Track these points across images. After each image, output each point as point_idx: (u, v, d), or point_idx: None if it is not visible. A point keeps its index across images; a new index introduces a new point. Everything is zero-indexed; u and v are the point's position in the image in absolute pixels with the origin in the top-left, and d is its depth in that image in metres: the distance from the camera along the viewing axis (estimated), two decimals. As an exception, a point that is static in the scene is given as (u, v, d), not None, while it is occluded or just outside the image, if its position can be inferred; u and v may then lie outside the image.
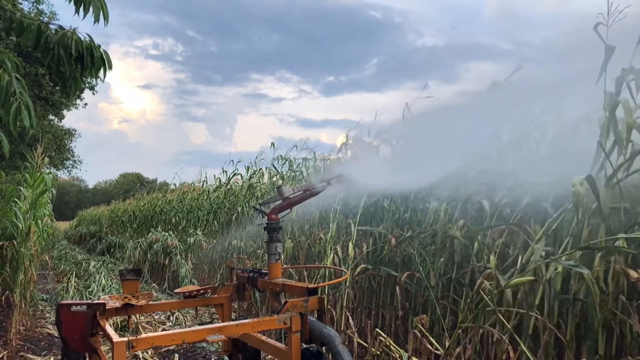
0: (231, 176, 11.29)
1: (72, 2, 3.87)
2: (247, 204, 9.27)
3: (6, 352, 5.37)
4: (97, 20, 3.98)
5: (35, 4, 17.75)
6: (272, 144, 9.57)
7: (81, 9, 3.90)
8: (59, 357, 3.39)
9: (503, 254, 4.07)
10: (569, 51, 3.71)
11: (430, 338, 4.09)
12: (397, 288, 4.89)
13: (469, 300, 3.91)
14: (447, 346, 3.84)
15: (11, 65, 3.75)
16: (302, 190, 3.22)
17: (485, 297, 3.59)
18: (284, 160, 9.13)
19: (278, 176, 9.14)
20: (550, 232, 3.71)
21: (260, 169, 10.12)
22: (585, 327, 3.31)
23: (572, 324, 3.35)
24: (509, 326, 3.55)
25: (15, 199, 6.94)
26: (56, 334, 5.90)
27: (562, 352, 3.44)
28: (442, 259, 4.52)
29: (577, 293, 3.35)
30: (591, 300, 3.11)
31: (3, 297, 6.76)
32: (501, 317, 3.58)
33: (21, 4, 16.19)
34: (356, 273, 5.20)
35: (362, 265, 5.21)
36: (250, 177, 10.23)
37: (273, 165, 9.36)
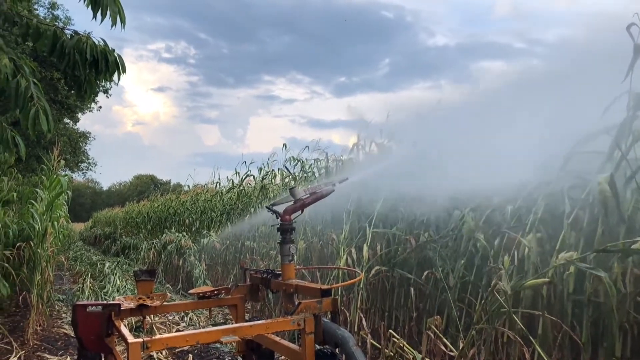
0: (244, 177, 11.35)
1: (90, 7, 3.92)
2: (259, 205, 9.30)
3: (23, 351, 5.44)
4: (114, 24, 4.03)
5: (50, 10, 17.97)
6: (284, 145, 9.59)
7: (98, 13, 3.95)
8: (75, 357, 3.44)
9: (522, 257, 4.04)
10: (588, 50, 3.67)
11: (444, 339, 4.07)
12: (412, 289, 4.88)
13: (483, 301, 3.90)
14: (461, 347, 3.82)
15: (29, 70, 3.81)
16: (312, 192, 3.23)
17: (499, 298, 3.57)
18: (296, 161, 9.15)
19: (290, 177, 9.16)
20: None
21: (273, 170, 10.15)
22: (602, 329, 3.28)
23: (587, 325, 3.32)
24: (523, 327, 3.53)
25: (32, 201, 7.04)
26: (72, 334, 5.97)
27: (577, 354, 3.41)
28: (462, 261, 4.50)
29: (592, 294, 3.32)
30: (609, 302, 3.07)
31: (20, 298, 6.85)
32: (515, 318, 3.56)
33: (37, 10, 16.40)
34: (371, 275, 5.18)
35: (377, 267, 5.19)
36: (263, 179, 10.26)
37: (285, 167, 9.39)
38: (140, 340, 2.15)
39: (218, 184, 13.28)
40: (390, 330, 4.50)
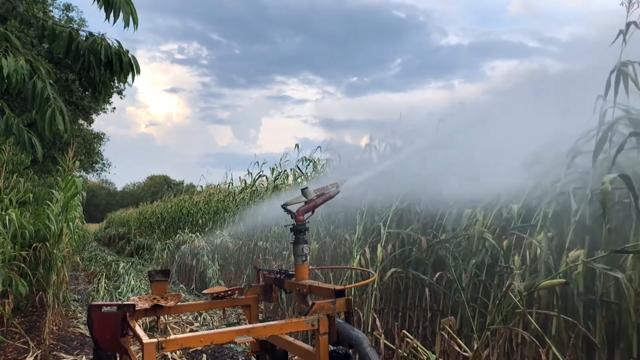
0: (256, 178, 11.38)
1: (103, 9, 3.95)
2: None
3: (40, 351, 5.50)
4: (127, 25, 4.05)
5: (65, 12, 18.15)
6: (296, 145, 9.59)
7: (111, 14, 3.98)
8: (91, 357, 3.47)
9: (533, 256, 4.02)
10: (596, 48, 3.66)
11: (458, 340, 4.04)
12: (427, 290, 4.85)
13: (497, 301, 3.86)
14: (475, 348, 3.79)
15: (45, 71, 3.85)
16: (321, 192, 3.23)
17: (514, 298, 3.54)
18: (308, 161, 9.15)
19: (302, 177, 9.16)
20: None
21: (285, 170, 10.17)
22: (617, 329, 3.23)
23: (600, 325, 3.28)
24: (539, 328, 3.49)
25: (48, 202, 7.13)
26: (88, 334, 6.02)
27: (591, 354, 3.37)
28: (473, 261, 4.47)
29: (604, 294, 3.28)
30: (625, 303, 3.03)
31: (37, 298, 6.93)
32: (531, 319, 3.53)
33: (52, 11, 16.58)
34: (386, 278, 5.14)
35: (393, 269, 5.14)
36: (275, 179, 10.28)
37: (297, 167, 9.39)
38: (154, 340, 2.16)
39: (231, 184, 13.34)
40: (404, 331, 4.48)
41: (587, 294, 3.41)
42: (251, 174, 11.67)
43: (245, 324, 3.28)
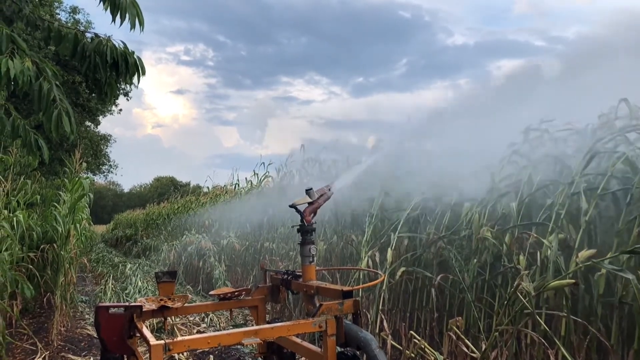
0: (262, 179, 11.37)
1: (109, 11, 3.96)
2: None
3: (48, 352, 5.52)
4: (133, 27, 4.06)
5: (71, 14, 18.23)
6: (302, 146, 9.57)
7: (118, 16, 3.98)
8: (99, 358, 3.46)
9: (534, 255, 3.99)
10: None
11: (466, 340, 4.01)
12: (433, 290, 4.82)
13: (505, 301, 3.83)
14: (483, 349, 3.76)
15: (51, 73, 3.86)
16: (321, 194, 3.22)
17: (523, 299, 3.51)
18: (314, 162, 9.12)
19: (308, 178, 9.14)
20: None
21: (291, 170, 10.15)
22: (627, 331, 3.20)
23: (616, 328, 3.24)
24: (548, 329, 3.46)
25: (55, 204, 7.15)
26: (95, 335, 6.03)
27: (601, 356, 3.34)
28: (474, 260, 4.44)
29: (623, 297, 3.24)
30: (636, 306, 3.00)
31: (45, 299, 6.96)
32: (539, 320, 3.50)
33: (58, 14, 16.66)
34: (397, 278, 5.10)
35: (403, 269, 5.10)
36: (281, 179, 10.26)
37: (304, 167, 9.37)
38: (162, 342, 2.15)
39: (237, 185, 13.35)
40: (412, 332, 4.45)
41: (604, 295, 3.38)
42: (257, 174, 11.68)
43: (253, 325, 3.27)
